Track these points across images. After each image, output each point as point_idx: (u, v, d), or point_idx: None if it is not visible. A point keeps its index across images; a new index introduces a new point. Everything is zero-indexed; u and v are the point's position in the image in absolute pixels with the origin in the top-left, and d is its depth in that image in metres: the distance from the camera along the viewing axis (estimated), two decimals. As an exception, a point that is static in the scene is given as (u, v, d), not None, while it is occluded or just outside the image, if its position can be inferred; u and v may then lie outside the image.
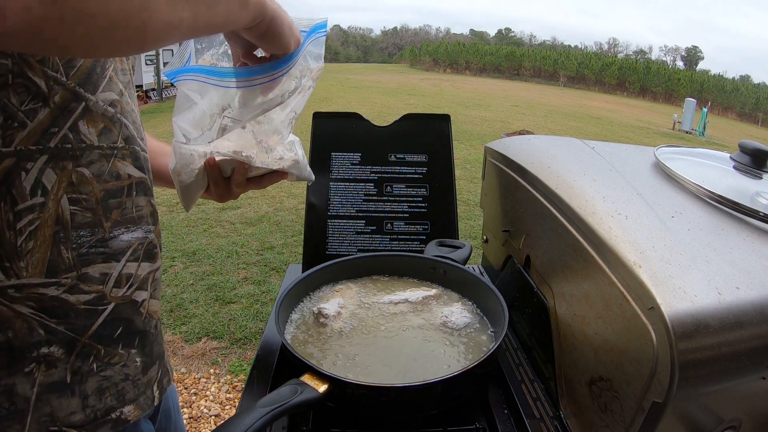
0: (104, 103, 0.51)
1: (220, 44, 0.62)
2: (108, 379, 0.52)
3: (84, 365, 0.50)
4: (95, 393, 0.51)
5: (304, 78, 0.62)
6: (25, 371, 0.46)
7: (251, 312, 2.79)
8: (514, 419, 0.67)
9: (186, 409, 2.08)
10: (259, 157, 0.64)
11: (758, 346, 0.49)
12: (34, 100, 0.45)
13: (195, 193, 0.67)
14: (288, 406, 0.53)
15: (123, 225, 0.53)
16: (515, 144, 0.94)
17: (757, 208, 0.63)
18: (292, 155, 0.67)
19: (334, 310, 0.75)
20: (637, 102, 31.14)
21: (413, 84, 22.02)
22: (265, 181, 0.70)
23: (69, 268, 0.48)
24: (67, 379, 0.49)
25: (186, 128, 0.60)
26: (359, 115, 1.09)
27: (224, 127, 0.60)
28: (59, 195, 0.47)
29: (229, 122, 0.60)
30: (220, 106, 0.60)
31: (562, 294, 0.68)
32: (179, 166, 0.64)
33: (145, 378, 0.55)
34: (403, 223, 1.04)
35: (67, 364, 0.49)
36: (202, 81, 0.58)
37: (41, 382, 0.47)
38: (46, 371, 0.47)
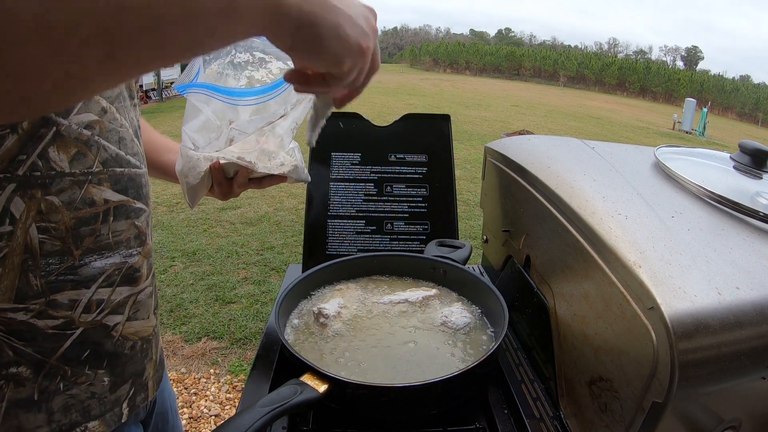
0: (79, 126, 0.49)
1: (226, 54, 0.63)
2: (74, 397, 0.52)
3: (51, 384, 0.50)
4: (61, 410, 0.52)
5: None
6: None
7: (251, 312, 2.79)
8: (514, 419, 0.67)
9: (186, 409, 2.08)
10: (262, 163, 0.68)
11: (758, 346, 0.49)
12: (1, 126, 0.43)
13: (200, 193, 0.72)
14: (288, 406, 0.53)
15: (96, 252, 0.52)
16: (515, 144, 0.94)
17: (757, 208, 0.63)
18: (292, 160, 0.71)
19: (334, 310, 0.75)
20: (637, 102, 31.15)
21: (413, 84, 22.02)
22: (265, 182, 0.73)
23: (37, 294, 0.48)
24: (34, 397, 0.50)
25: (194, 136, 0.64)
26: (359, 115, 1.09)
27: (231, 138, 0.63)
28: (27, 224, 0.46)
29: (237, 134, 0.63)
30: (227, 119, 0.63)
31: (562, 294, 0.68)
32: (186, 169, 0.68)
33: (113, 396, 0.56)
34: (403, 223, 1.04)
35: (35, 383, 0.49)
36: (209, 95, 0.62)
37: (9, 398, 0.48)
38: (15, 389, 0.48)
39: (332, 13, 0.39)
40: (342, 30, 0.39)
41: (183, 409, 2.08)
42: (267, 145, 0.68)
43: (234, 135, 0.63)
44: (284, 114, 0.63)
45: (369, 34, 0.42)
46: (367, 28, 0.42)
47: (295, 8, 0.36)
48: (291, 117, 0.65)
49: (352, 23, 0.40)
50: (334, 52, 0.40)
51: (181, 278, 3.13)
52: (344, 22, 0.40)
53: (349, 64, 0.42)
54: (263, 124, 0.63)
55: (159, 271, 3.17)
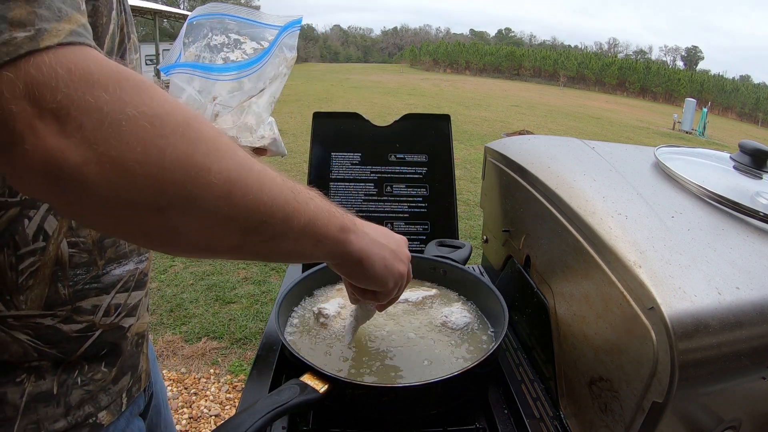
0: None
1: (203, 38, 0.69)
2: (89, 391, 0.54)
3: (69, 378, 0.52)
4: (77, 404, 0.53)
5: (281, 66, 0.70)
6: (16, 381, 0.48)
7: (251, 312, 2.79)
8: (514, 419, 0.67)
9: (186, 409, 2.08)
10: (244, 137, 0.70)
11: (758, 346, 0.49)
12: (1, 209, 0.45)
13: None
14: (288, 406, 0.53)
15: (116, 261, 0.55)
16: (515, 144, 0.94)
17: (757, 208, 0.63)
18: (271, 134, 0.73)
19: (334, 310, 0.75)
20: (637, 102, 31.13)
21: (413, 84, 22.02)
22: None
23: (65, 302, 0.50)
24: (53, 390, 0.51)
25: None
26: (359, 115, 1.09)
27: (216, 113, 0.66)
28: (59, 239, 0.49)
29: (221, 108, 0.67)
30: (210, 95, 0.66)
31: (562, 294, 0.68)
32: None
33: (116, 387, 0.58)
34: (403, 223, 1.04)
35: (55, 375, 0.51)
36: (191, 74, 0.65)
37: (30, 392, 0.49)
38: (35, 382, 0.50)
39: (380, 249, 0.53)
40: (388, 262, 0.54)
41: (183, 409, 2.08)
42: (247, 120, 0.70)
43: (218, 110, 0.67)
44: (264, 88, 0.67)
45: (405, 262, 0.58)
46: (404, 257, 0.58)
47: (356, 248, 0.50)
48: (268, 92, 0.69)
49: (394, 255, 0.55)
50: (382, 278, 0.54)
51: (181, 278, 3.13)
52: (388, 256, 0.54)
53: (392, 285, 0.56)
54: (245, 98, 0.67)
55: (159, 271, 3.17)
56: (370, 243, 0.51)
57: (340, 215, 0.49)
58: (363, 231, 0.52)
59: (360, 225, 0.52)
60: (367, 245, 0.51)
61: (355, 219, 0.52)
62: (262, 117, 0.71)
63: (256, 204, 0.37)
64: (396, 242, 0.57)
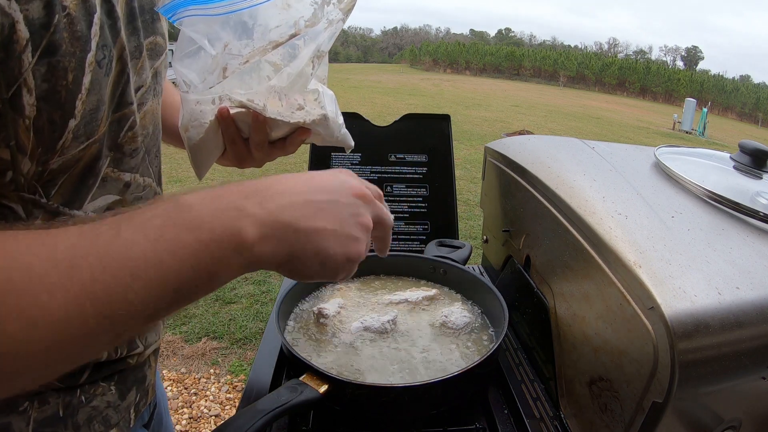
0: (97, 212, 0.46)
1: None
2: (95, 408, 0.53)
3: (73, 399, 0.50)
4: (86, 422, 0.52)
5: (329, 6, 0.50)
6: (20, 410, 0.47)
7: (251, 312, 2.79)
8: (514, 419, 0.67)
9: (186, 409, 2.08)
10: (272, 106, 0.51)
11: (758, 346, 0.49)
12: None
13: (208, 155, 0.56)
14: (288, 406, 0.53)
15: None
16: (515, 144, 0.94)
17: (757, 208, 0.63)
18: (318, 108, 0.53)
19: (334, 310, 0.75)
20: (637, 102, 31.13)
21: (413, 84, 22.01)
22: (289, 143, 0.57)
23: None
24: (59, 413, 0.49)
25: (187, 74, 0.50)
26: (359, 115, 1.09)
27: (225, 66, 0.50)
28: None
29: (229, 59, 0.49)
30: (222, 42, 0.50)
31: (562, 294, 0.68)
32: (186, 120, 0.52)
33: (124, 404, 0.57)
34: (403, 223, 1.04)
35: (59, 398, 0.49)
36: (200, 14, 0.47)
37: (35, 418, 0.48)
38: (39, 408, 0.48)
39: (312, 240, 0.38)
40: (325, 253, 0.39)
41: (183, 409, 2.08)
42: (278, 82, 0.49)
43: (227, 61, 0.49)
44: (296, 34, 0.47)
45: (360, 237, 0.42)
46: (358, 230, 0.42)
47: (267, 254, 0.36)
48: (308, 43, 0.49)
49: (336, 239, 0.40)
50: (321, 274, 0.41)
51: (181, 278, 3.13)
52: (327, 245, 0.39)
53: (342, 275, 0.42)
54: (263, 44, 0.48)
55: (159, 271, 3.16)
56: (293, 239, 0.37)
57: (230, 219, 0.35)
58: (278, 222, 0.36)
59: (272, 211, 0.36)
60: (287, 245, 0.37)
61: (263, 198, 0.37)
62: (299, 79, 0.50)
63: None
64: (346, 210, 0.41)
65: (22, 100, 0.35)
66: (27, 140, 0.36)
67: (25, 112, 0.35)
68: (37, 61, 0.34)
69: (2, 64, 0.33)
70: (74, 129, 0.39)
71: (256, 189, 0.37)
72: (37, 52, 0.34)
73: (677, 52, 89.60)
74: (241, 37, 0.50)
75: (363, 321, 0.72)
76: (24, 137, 0.36)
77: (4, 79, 0.33)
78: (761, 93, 34.53)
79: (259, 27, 0.50)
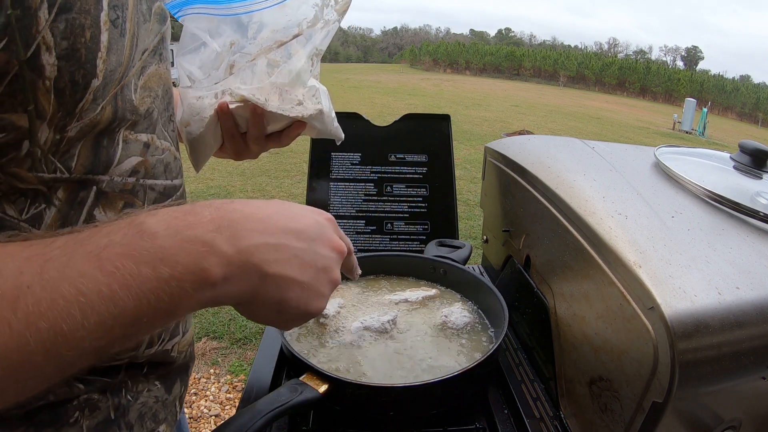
0: (122, 176, 0.43)
1: None
2: (145, 405, 0.52)
3: (121, 399, 0.49)
4: (137, 420, 0.51)
5: (327, 8, 0.53)
6: (71, 421, 0.45)
7: (251, 312, 2.79)
8: (514, 419, 0.67)
9: (186, 409, 2.08)
10: (272, 101, 0.54)
11: (758, 346, 0.49)
12: (35, 203, 0.38)
13: (206, 149, 0.58)
14: (288, 406, 0.53)
15: None
16: (515, 144, 0.94)
17: (757, 208, 0.63)
18: (314, 103, 0.56)
19: (334, 310, 0.75)
20: (637, 102, 31.14)
21: (413, 84, 22.02)
22: (284, 136, 0.59)
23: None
24: (111, 416, 0.48)
25: (191, 69, 0.52)
26: (359, 115, 1.09)
27: (232, 64, 0.52)
28: None
29: (237, 57, 0.52)
30: (228, 41, 0.52)
31: (562, 294, 0.68)
32: (187, 115, 0.54)
33: (171, 397, 0.56)
34: (403, 223, 1.04)
35: (108, 401, 0.48)
36: (206, 13, 0.49)
37: (88, 426, 0.46)
38: (90, 415, 0.46)
39: (277, 288, 0.36)
40: (286, 304, 0.38)
41: (183, 409, 2.08)
42: (279, 79, 0.53)
43: (235, 59, 0.51)
44: (298, 33, 0.51)
45: (326, 294, 0.40)
46: (326, 287, 0.40)
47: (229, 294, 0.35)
48: (307, 42, 0.53)
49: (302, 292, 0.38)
50: (274, 322, 0.39)
51: (181, 278, 3.13)
52: (291, 296, 0.37)
53: (295, 326, 0.41)
54: (270, 43, 0.51)
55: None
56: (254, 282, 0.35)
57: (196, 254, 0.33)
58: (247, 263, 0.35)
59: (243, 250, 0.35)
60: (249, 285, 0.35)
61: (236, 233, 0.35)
62: (299, 76, 0.54)
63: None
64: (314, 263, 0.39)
65: (41, 60, 0.34)
66: (47, 103, 0.35)
67: (45, 73, 0.34)
68: (54, 17, 0.33)
69: (18, 21, 0.32)
70: (95, 90, 0.38)
71: (230, 221, 0.35)
72: (54, 8, 0.33)
73: (677, 52, 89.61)
74: (244, 35, 0.52)
75: (363, 321, 0.72)
76: (44, 100, 0.35)
77: (21, 38, 0.32)
78: (761, 93, 34.54)
79: (265, 27, 0.52)
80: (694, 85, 36.78)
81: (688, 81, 37.74)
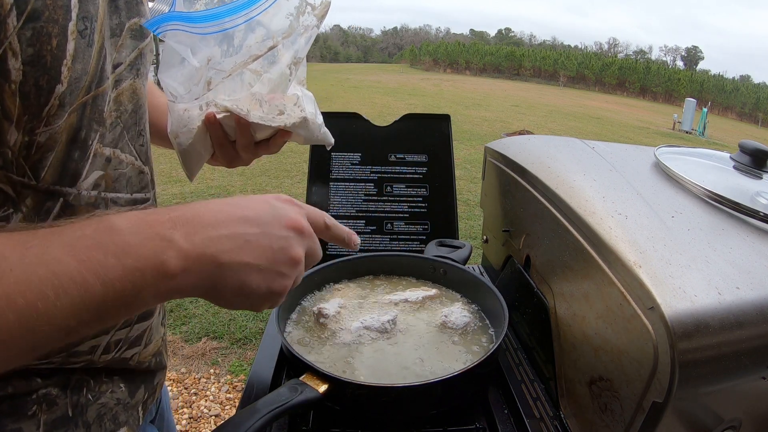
0: (88, 190, 0.45)
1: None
2: (104, 405, 0.53)
3: (81, 397, 0.50)
4: (96, 420, 0.52)
5: (304, 15, 0.54)
6: (29, 414, 0.47)
7: (251, 312, 2.79)
8: (514, 419, 0.67)
9: (186, 409, 2.08)
10: (254, 111, 0.54)
11: (758, 346, 0.49)
12: (4, 206, 0.41)
13: (197, 158, 0.59)
14: (288, 406, 0.53)
15: None
16: (515, 144, 0.94)
17: (757, 208, 0.63)
18: (297, 112, 0.56)
19: (334, 310, 0.75)
20: (637, 102, 31.13)
21: (413, 84, 22.01)
22: (272, 144, 0.60)
23: (59, 351, 0.48)
24: (69, 413, 0.49)
25: (173, 85, 0.54)
26: (359, 115, 1.09)
27: (209, 80, 0.53)
28: None
29: (214, 74, 0.53)
30: (205, 57, 0.53)
31: (562, 294, 0.68)
32: (176, 127, 0.56)
33: (133, 401, 0.57)
34: (403, 223, 1.04)
35: (66, 398, 0.49)
36: (181, 30, 0.50)
37: (45, 420, 0.47)
38: (48, 410, 0.48)
39: (235, 275, 0.39)
40: (248, 288, 0.40)
41: (183, 409, 2.08)
42: (259, 89, 0.54)
43: (211, 76, 0.53)
44: (274, 45, 0.52)
45: (286, 273, 0.42)
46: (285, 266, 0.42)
47: (190, 285, 0.38)
48: (286, 52, 0.53)
49: (260, 274, 0.40)
50: (244, 306, 0.42)
51: (181, 278, 3.13)
52: (250, 279, 0.40)
53: (266, 307, 0.43)
54: (244, 58, 0.52)
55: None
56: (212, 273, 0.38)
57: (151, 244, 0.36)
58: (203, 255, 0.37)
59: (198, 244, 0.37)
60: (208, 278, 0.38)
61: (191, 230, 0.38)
62: (279, 85, 0.54)
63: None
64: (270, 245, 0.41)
65: (7, 64, 0.36)
66: (13, 106, 0.37)
67: (11, 77, 0.36)
68: (22, 25, 0.35)
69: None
70: (61, 96, 0.39)
71: (185, 219, 0.38)
72: (22, 17, 0.35)
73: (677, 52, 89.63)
74: (221, 46, 0.53)
75: (363, 321, 0.72)
76: (10, 102, 0.37)
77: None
78: (761, 93, 34.52)
79: (240, 42, 0.53)
80: (694, 85, 36.76)
81: (688, 81, 37.74)
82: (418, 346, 0.70)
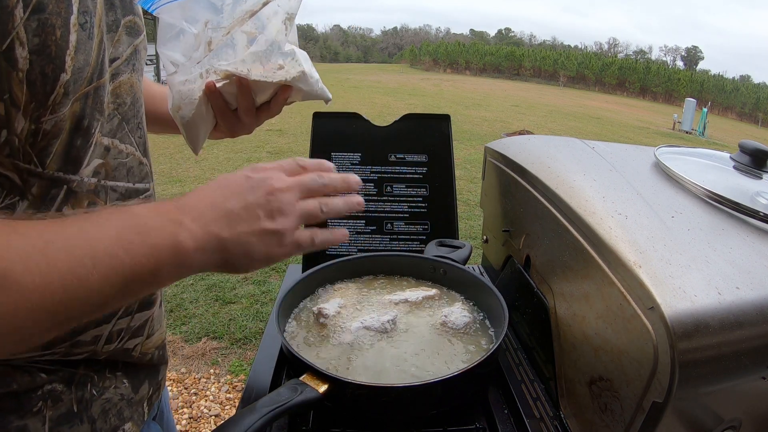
0: (89, 176, 0.48)
1: None
2: (109, 401, 0.54)
3: (85, 393, 0.51)
4: (101, 416, 0.52)
5: None
6: (34, 411, 0.47)
7: (251, 312, 2.79)
8: (514, 419, 0.67)
9: (186, 409, 2.08)
10: (255, 70, 0.56)
11: (758, 346, 0.49)
12: (10, 194, 0.43)
13: (200, 130, 0.61)
14: (288, 406, 0.53)
15: None
16: (515, 144, 0.94)
17: (757, 208, 0.63)
18: (296, 67, 0.58)
19: (334, 310, 0.75)
20: (637, 102, 31.13)
21: (413, 84, 22.01)
22: (273, 104, 0.62)
23: (63, 340, 0.49)
24: (74, 409, 0.50)
25: (172, 56, 0.56)
26: (359, 115, 1.09)
27: (209, 40, 0.55)
28: None
29: (212, 32, 0.55)
30: (202, 21, 0.55)
31: (562, 294, 0.68)
32: (177, 100, 0.58)
33: (137, 397, 0.58)
34: (403, 223, 1.04)
35: (71, 394, 0.50)
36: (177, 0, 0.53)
37: (51, 416, 0.48)
38: (53, 406, 0.49)
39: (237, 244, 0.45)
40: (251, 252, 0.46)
41: (183, 409, 2.08)
42: (257, 48, 0.56)
43: (210, 35, 0.55)
44: (267, 1, 0.55)
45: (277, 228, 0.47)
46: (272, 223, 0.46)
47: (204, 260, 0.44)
48: (279, 8, 0.56)
49: (255, 238, 0.46)
50: (258, 266, 0.47)
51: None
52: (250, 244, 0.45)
53: (279, 257, 0.48)
54: (241, 14, 0.55)
55: (159, 271, 3.16)
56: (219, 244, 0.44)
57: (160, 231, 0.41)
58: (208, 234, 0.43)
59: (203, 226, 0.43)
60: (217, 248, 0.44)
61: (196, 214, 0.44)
62: (276, 42, 0.56)
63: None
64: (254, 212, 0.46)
65: (15, 53, 0.38)
66: (21, 93, 0.39)
67: (18, 65, 0.38)
68: (28, 16, 0.38)
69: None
70: (65, 84, 0.42)
71: (189, 206, 0.44)
72: (28, 8, 0.38)
73: (677, 52, 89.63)
74: (217, 14, 0.55)
75: (363, 321, 0.72)
76: (18, 90, 0.39)
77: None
78: (761, 93, 34.51)
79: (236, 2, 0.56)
80: (694, 85, 36.75)
81: (688, 81, 37.73)
82: (418, 346, 0.70)
